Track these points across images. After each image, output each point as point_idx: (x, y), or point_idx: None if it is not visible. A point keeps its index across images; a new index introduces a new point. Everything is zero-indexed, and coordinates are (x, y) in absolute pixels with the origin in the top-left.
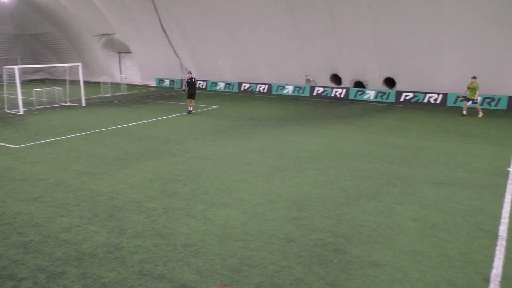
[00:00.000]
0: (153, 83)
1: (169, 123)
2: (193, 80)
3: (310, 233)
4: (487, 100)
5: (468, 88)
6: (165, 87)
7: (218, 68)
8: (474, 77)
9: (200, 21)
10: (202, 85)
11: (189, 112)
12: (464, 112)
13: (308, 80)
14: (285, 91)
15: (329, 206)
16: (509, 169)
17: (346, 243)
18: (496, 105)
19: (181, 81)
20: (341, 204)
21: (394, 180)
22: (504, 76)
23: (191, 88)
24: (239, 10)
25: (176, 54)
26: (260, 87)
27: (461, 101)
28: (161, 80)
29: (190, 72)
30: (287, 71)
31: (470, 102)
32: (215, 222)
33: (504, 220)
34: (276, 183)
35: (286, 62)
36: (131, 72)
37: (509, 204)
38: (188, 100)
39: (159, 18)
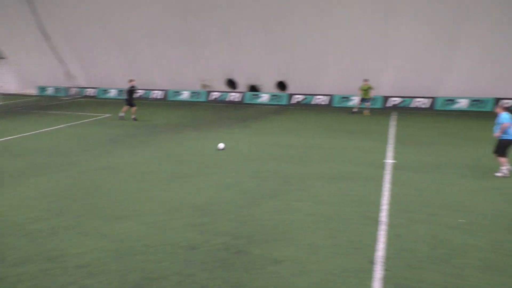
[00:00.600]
0: (34, 91)
1: (56, 134)
2: (133, 88)
3: (213, 238)
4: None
5: (361, 89)
6: (49, 96)
7: (109, 74)
8: (366, 80)
9: (87, 26)
10: (92, 93)
11: (134, 119)
12: (355, 110)
13: (204, 85)
14: (181, 97)
15: (231, 209)
16: (385, 161)
17: (248, 244)
18: (373, 104)
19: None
20: (242, 206)
21: (290, 179)
22: (380, 78)
23: (130, 97)
24: (129, 15)
25: (60, 60)
26: (155, 93)
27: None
28: (43, 88)
29: (132, 80)
30: (182, 77)
31: (365, 102)
32: (111, 237)
33: (384, 207)
34: (176, 190)
35: (181, 68)
36: (6, 80)
37: (387, 192)
38: (128, 107)
39: (38, 22)
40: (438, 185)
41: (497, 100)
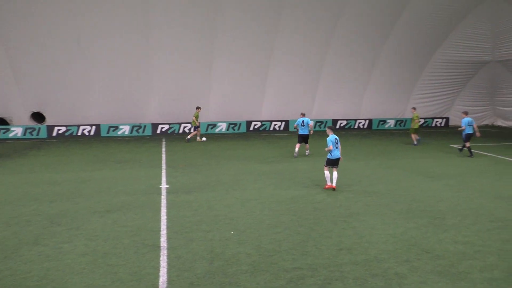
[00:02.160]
0: None
1: None
2: None
3: None
4: (136, 128)
5: (195, 117)
6: None
7: None
8: (198, 107)
9: None
10: None
11: None
12: (188, 137)
13: None
14: None
15: None
16: (161, 186)
17: None
18: (143, 132)
19: None
20: None
21: (57, 219)
22: (146, 104)
23: None
24: None
25: None
26: None
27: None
28: None
29: None
30: None
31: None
32: None
33: (163, 231)
34: None
35: None
36: None
37: (165, 217)
38: None
39: None
40: (210, 202)
41: (249, 122)
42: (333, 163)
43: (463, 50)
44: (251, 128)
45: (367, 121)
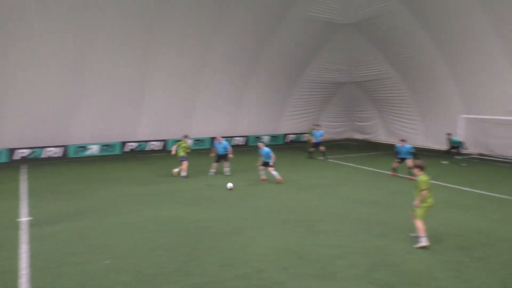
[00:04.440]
0: None
1: None
2: None
3: None
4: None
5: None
6: None
7: None
8: (186, 136)
9: None
10: None
11: None
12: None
13: None
14: None
15: None
16: (19, 219)
17: None
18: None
19: None
20: None
21: None
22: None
23: None
24: None
25: None
26: None
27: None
28: None
29: None
30: None
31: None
32: None
33: (24, 271)
34: None
35: None
36: None
37: (26, 254)
38: None
39: None
40: (82, 231)
41: (124, 143)
42: (265, 164)
43: (325, 72)
44: (127, 149)
45: (244, 138)
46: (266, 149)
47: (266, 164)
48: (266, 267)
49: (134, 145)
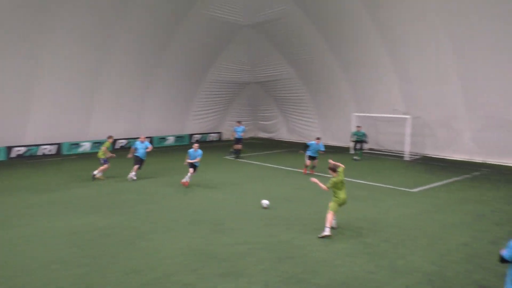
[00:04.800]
0: None
1: None
2: None
3: None
4: None
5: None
6: None
7: None
8: (109, 137)
9: None
10: None
11: None
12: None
13: None
14: None
15: None
16: None
17: None
18: None
19: None
20: None
21: None
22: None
23: None
24: None
25: None
26: None
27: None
28: None
29: None
30: None
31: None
32: None
33: None
34: None
35: None
36: None
37: None
38: None
39: None
40: None
41: (10, 148)
42: (191, 165)
43: (229, 72)
44: (13, 155)
45: (148, 139)
46: (200, 151)
47: (193, 166)
48: (175, 270)
49: (22, 149)
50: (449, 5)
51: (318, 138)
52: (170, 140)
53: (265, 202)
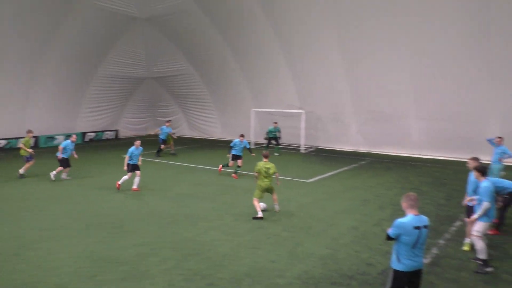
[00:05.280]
0: None
1: None
2: None
3: None
4: None
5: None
6: None
7: None
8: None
9: None
10: None
11: None
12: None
13: None
14: None
15: None
16: None
17: None
18: None
19: None
20: None
21: None
22: None
23: None
24: None
25: None
26: None
27: None
28: None
29: None
30: None
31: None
32: None
33: None
34: None
35: None
36: None
37: None
38: None
39: None
40: None
41: None
42: (133, 168)
43: (123, 67)
44: None
45: (33, 138)
46: (141, 148)
47: (133, 168)
48: (69, 280)
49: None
50: (335, 3)
51: (241, 136)
52: (60, 140)
53: (262, 205)
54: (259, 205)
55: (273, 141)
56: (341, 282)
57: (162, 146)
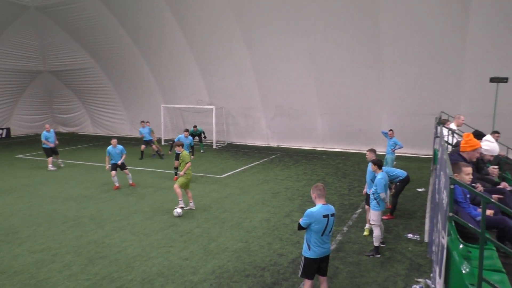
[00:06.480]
0: None
1: None
2: None
3: None
4: None
5: None
6: None
7: None
8: None
9: None
10: None
11: None
12: None
13: None
14: None
15: None
16: None
17: None
18: None
19: None
20: None
21: None
22: None
23: None
24: None
25: None
26: None
27: None
28: None
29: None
30: None
31: None
32: None
33: None
34: None
35: None
36: None
37: None
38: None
39: None
40: None
41: None
42: (116, 167)
43: (13, 59)
44: None
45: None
46: (120, 147)
47: (116, 167)
48: None
49: None
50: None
51: (186, 130)
52: None
53: (177, 211)
54: (177, 211)
55: (196, 137)
56: (254, 273)
57: (143, 147)
